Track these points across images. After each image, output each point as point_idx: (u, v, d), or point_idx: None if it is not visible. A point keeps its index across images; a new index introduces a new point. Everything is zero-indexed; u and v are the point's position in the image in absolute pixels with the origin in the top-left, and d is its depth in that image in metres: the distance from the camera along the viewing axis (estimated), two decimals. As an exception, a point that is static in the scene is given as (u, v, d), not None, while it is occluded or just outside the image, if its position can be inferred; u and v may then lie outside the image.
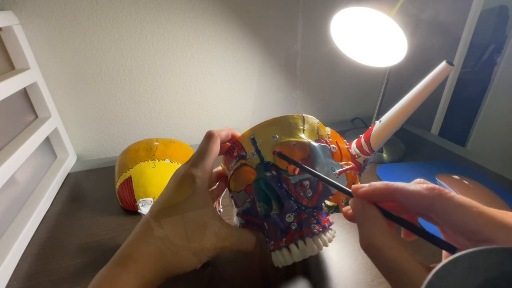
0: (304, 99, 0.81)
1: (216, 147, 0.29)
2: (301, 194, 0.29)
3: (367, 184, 0.22)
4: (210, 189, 0.33)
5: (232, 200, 0.34)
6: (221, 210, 0.41)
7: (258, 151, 0.30)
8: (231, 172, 0.32)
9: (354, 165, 0.32)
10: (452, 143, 0.73)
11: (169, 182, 0.28)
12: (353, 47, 0.58)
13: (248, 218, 0.32)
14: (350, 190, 0.23)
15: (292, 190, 0.29)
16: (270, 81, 0.75)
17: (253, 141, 0.31)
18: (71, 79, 0.59)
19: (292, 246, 0.28)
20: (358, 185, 0.23)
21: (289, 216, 0.29)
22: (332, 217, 0.46)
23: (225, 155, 0.34)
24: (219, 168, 0.36)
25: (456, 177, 0.53)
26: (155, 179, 0.47)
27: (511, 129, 1.10)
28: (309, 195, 0.29)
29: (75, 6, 0.54)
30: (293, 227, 0.29)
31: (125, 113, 0.66)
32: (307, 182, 0.29)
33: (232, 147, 0.33)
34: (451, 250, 0.17)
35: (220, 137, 0.30)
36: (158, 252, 0.25)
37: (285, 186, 0.29)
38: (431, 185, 0.19)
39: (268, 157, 0.30)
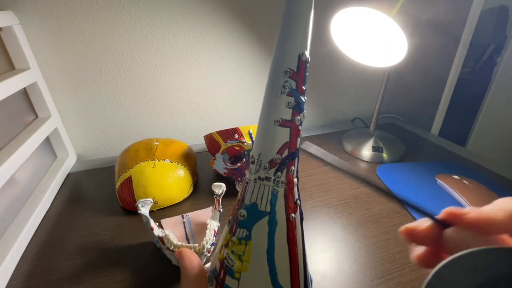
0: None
1: (189, 263, 0.24)
2: None
3: (468, 209, 0.16)
4: None
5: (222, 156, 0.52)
6: (221, 209, 0.41)
7: (253, 142, 0.44)
8: (227, 145, 0.50)
9: None
10: (452, 143, 0.73)
11: None
12: (353, 47, 0.58)
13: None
14: (436, 217, 0.17)
15: None
16: (270, 81, 0.75)
17: (250, 135, 0.49)
18: (71, 79, 0.59)
19: None
20: (456, 209, 0.16)
21: None
22: (332, 216, 0.47)
23: (225, 132, 0.50)
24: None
25: (456, 177, 0.53)
26: (155, 179, 0.47)
27: (511, 130, 1.10)
28: None
29: (75, 6, 0.54)
30: None
31: (125, 113, 0.66)
32: None
33: (234, 131, 0.50)
34: (443, 224, 0.17)
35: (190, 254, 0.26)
36: None
37: None
38: None
39: None
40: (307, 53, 0.20)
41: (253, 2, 0.64)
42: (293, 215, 0.23)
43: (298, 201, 0.23)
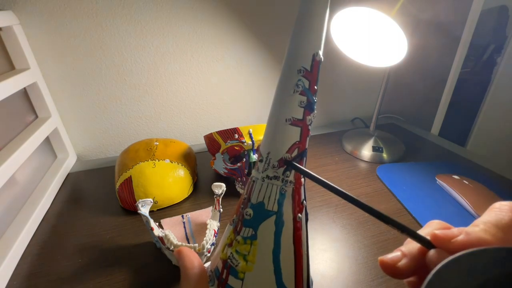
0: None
1: (189, 262, 0.24)
2: None
3: (456, 230, 0.15)
4: None
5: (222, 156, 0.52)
6: (221, 209, 0.41)
7: (253, 142, 0.48)
8: (227, 145, 0.49)
9: None
10: (452, 143, 0.73)
11: None
12: (353, 47, 0.58)
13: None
14: (428, 239, 0.15)
15: None
16: (270, 81, 0.75)
17: (251, 135, 0.48)
18: (71, 79, 0.59)
19: None
20: (443, 232, 0.15)
21: None
22: (332, 216, 0.47)
23: (225, 132, 0.50)
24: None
25: (456, 177, 0.53)
26: (155, 179, 0.47)
27: (511, 129, 1.10)
28: None
29: (75, 6, 0.54)
30: None
31: (125, 113, 0.66)
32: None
33: (234, 131, 0.49)
34: (428, 245, 0.15)
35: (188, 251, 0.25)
36: None
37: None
38: None
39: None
40: (320, 53, 0.20)
41: (253, 2, 0.64)
42: (299, 215, 0.22)
43: (304, 201, 0.23)
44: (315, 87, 0.21)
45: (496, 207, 0.15)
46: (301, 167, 0.21)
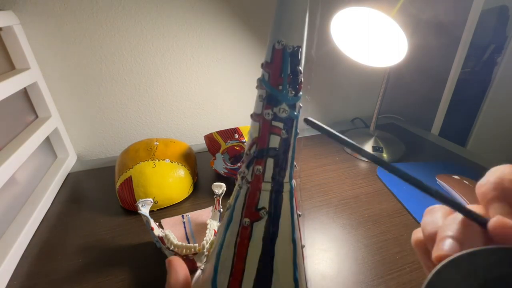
0: (304, 99, 0.81)
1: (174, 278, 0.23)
2: None
3: None
4: None
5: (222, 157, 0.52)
6: (221, 209, 0.41)
7: None
8: (227, 145, 0.50)
9: None
10: (452, 143, 0.73)
11: None
12: (353, 47, 0.58)
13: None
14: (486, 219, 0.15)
15: None
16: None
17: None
18: (71, 79, 0.59)
19: None
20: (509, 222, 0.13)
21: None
22: (332, 216, 0.47)
23: (225, 132, 0.50)
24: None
25: (456, 177, 0.53)
26: (155, 179, 0.47)
27: (511, 129, 1.10)
28: None
29: (75, 6, 0.54)
30: None
31: (125, 113, 0.66)
32: None
33: (234, 131, 0.50)
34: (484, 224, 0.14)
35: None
36: None
37: None
38: None
39: None
40: (284, 41, 0.18)
41: (254, 3, 0.64)
42: (247, 220, 0.20)
43: (263, 212, 0.19)
44: (281, 76, 0.19)
45: None
46: (317, 122, 0.18)
